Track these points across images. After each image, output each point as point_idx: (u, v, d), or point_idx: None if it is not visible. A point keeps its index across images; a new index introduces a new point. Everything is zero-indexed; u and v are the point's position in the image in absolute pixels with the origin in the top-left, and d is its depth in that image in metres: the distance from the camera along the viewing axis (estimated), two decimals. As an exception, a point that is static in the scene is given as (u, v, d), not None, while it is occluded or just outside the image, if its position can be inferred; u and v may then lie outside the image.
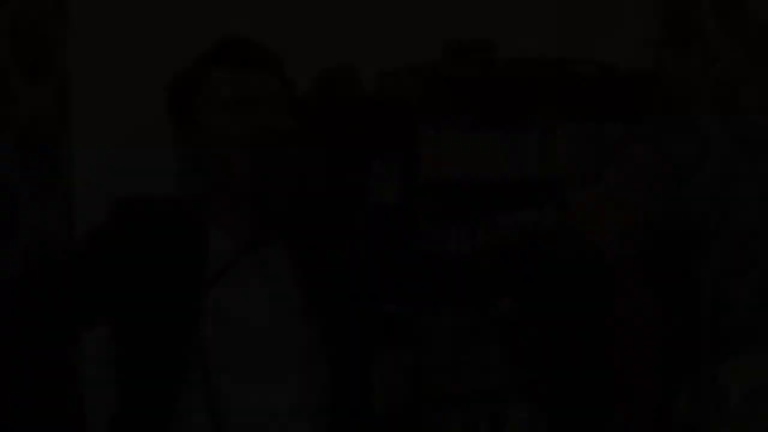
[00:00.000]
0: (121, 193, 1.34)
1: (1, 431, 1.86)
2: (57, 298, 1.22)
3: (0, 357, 1.33)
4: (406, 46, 3.10)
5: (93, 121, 2.65)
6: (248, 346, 1.25)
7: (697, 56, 3.17)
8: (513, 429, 3.05)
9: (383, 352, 2.91)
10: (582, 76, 3.26)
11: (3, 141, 2.03)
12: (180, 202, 1.35)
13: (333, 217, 1.40)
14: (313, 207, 1.41)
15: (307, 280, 1.31)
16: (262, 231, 1.25)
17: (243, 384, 1.24)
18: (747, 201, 2.94)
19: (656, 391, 1.82)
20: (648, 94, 3.34)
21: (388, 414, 2.84)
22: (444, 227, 2.99)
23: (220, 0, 2.85)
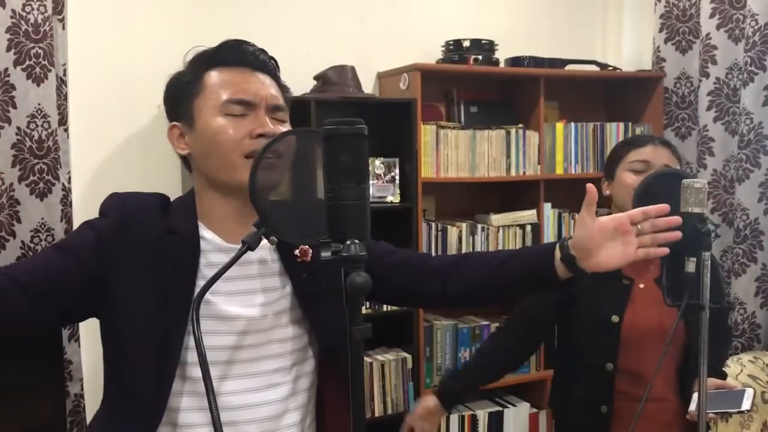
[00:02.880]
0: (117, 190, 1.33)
1: None
2: (46, 290, 1.19)
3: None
4: (405, 46, 3.10)
5: (92, 120, 2.66)
6: (238, 343, 1.24)
7: (697, 56, 3.17)
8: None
9: (384, 351, 2.91)
10: (582, 76, 3.26)
11: (3, 141, 2.03)
12: (165, 198, 1.33)
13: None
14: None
15: (297, 278, 1.31)
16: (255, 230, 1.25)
17: (233, 380, 1.23)
18: (748, 200, 2.94)
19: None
20: (648, 94, 3.34)
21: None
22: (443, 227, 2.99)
23: (222, 2, 2.85)
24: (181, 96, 1.30)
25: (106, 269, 1.22)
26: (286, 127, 1.30)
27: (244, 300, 1.25)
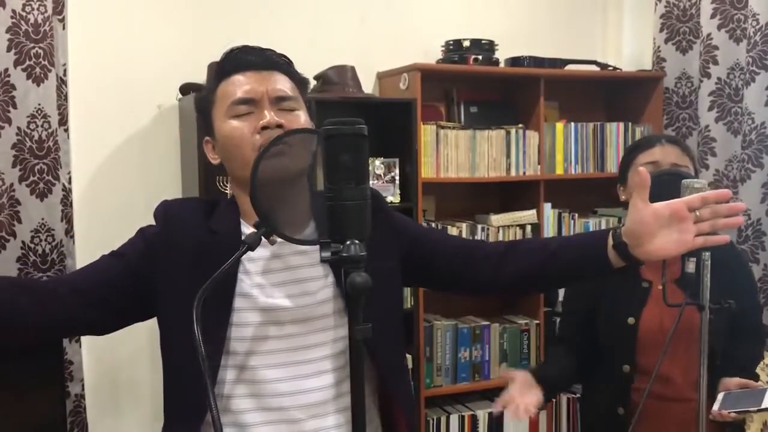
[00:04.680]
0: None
1: None
2: (101, 293, 1.29)
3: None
4: (405, 46, 3.10)
5: (92, 120, 2.66)
6: (283, 333, 1.28)
7: (697, 56, 3.17)
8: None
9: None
10: (582, 76, 3.26)
11: (3, 141, 2.03)
12: (214, 202, 1.40)
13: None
14: None
15: (337, 269, 1.33)
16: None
17: (281, 368, 1.27)
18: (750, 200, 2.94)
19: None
20: (648, 94, 3.34)
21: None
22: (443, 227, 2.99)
23: (222, 3, 2.85)
24: (203, 111, 1.39)
25: (152, 270, 1.30)
26: (297, 115, 1.34)
27: (286, 290, 1.29)
